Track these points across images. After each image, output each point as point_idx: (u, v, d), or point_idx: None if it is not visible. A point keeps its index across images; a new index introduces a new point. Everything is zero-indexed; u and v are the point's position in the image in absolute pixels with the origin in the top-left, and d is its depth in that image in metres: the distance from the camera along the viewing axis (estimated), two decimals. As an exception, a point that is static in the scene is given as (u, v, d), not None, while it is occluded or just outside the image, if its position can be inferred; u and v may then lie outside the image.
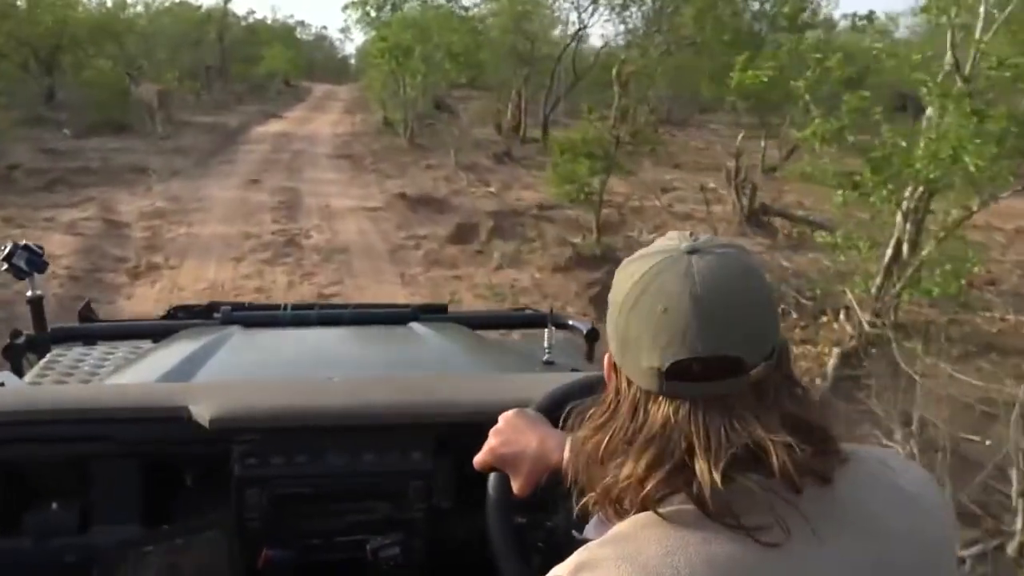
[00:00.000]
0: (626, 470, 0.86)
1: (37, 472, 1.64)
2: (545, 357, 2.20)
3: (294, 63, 42.33)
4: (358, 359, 2.30)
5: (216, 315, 2.47)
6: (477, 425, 1.33)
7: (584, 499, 0.94)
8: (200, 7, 33.69)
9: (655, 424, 0.85)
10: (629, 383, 0.89)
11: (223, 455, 1.57)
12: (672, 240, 0.90)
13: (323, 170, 14.95)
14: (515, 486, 1.25)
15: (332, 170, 15.03)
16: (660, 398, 0.86)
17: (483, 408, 1.39)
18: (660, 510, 0.84)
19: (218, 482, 1.58)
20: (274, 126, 22.84)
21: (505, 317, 3.40)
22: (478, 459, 1.29)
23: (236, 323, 2.35)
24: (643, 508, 0.85)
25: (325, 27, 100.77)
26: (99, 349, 2.44)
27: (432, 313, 2.64)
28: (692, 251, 0.87)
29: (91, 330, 2.63)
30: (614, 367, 0.92)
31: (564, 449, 1.17)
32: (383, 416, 1.63)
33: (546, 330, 2.24)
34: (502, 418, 1.29)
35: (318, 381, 1.79)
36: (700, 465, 0.82)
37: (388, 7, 18.16)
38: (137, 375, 2.00)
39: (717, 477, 0.81)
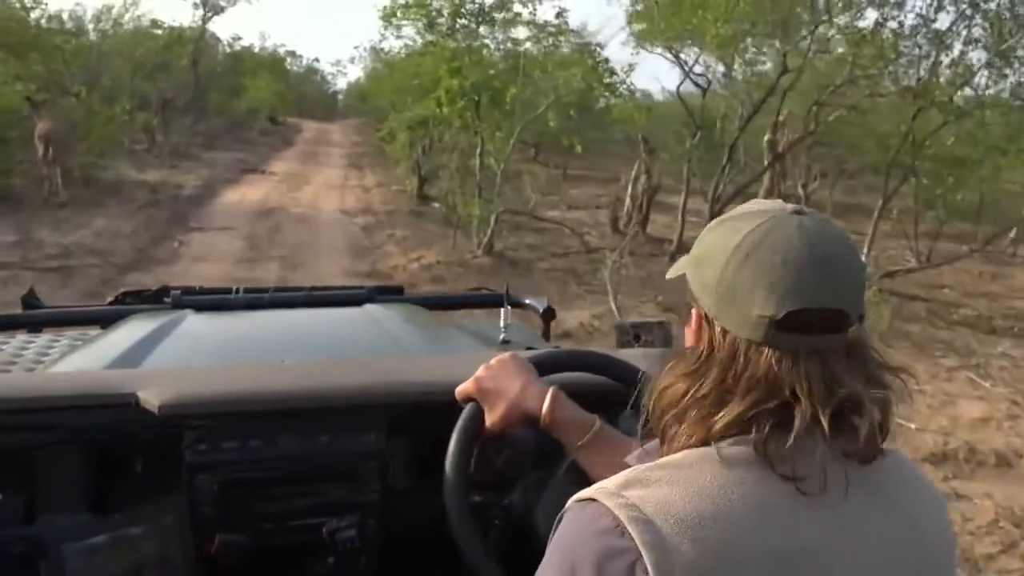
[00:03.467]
0: (731, 412, 0.82)
1: None
2: (502, 336, 2.08)
3: (282, 97, 34.45)
4: (312, 342, 2.05)
5: (166, 299, 2.27)
6: (432, 405, 1.33)
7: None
8: (178, 29, 25.18)
9: (758, 371, 0.82)
10: (725, 334, 0.85)
11: (174, 441, 1.43)
12: (768, 204, 0.89)
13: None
14: (488, 420, 1.24)
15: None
16: (764, 348, 0.83)
17: (438, 388, 1.36)
18: (720, 448, 0.81)
19: (169, 468, 1.45)
20: (252, 191, 14.62)
21: (461, 298, 3.12)
22: (461, 388, 1.27)
23: (187, 307, 2.17)
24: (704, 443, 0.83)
25: (317, 59, 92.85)
26: (44, 336, 2.31)
27: (388, 294, 2.47)
28: (797, 212, 0.86)
29: (36, 317, 2.43)
30: (704, 321, 0.88)
31: (543, 401, 1.21)
32: (336, 398, 1.48)
33: (503, 310, 2.14)
34: (496, 358, 1.27)
35: (269, 364, 1.64)
36: (805, 410, 0.80)
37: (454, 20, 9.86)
38: (84, 362, 1.84)
39: (826, 423, 0.79)
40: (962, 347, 7.53)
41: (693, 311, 0.90)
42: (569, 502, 0.84)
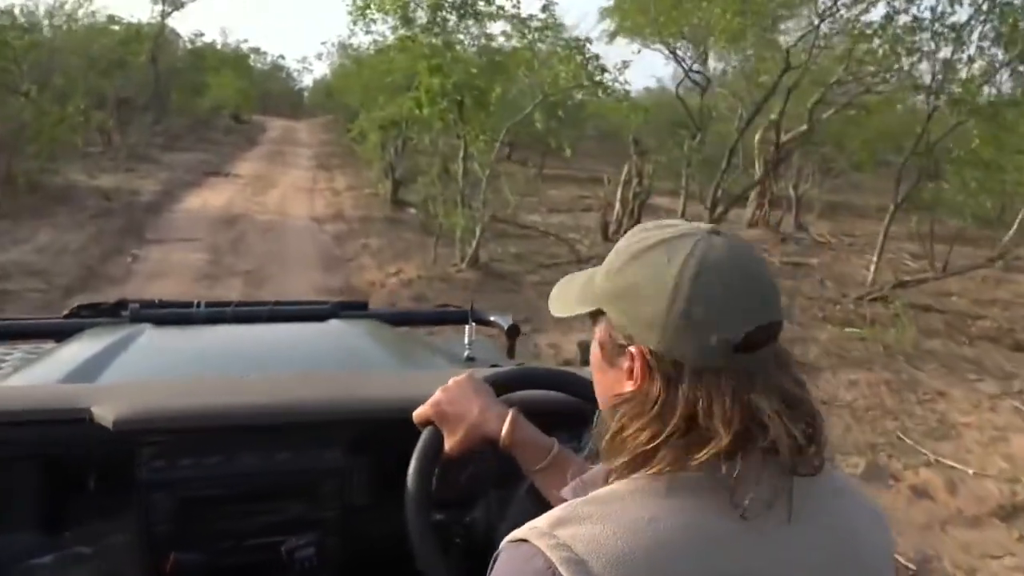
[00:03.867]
0: (717, 446, 0.78)
1: None
2: (466, 354, 2.04)
3: (246, 94, 33.35)
4: (275, 357, 1.98)
5: (124, 313, 2.19)
6: (395, 422, 1.29)
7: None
8: (136, 25, 24.06)
9: (725, 398, 0.79)
10: (680, 367, 0.81)
11: (129, 458, 1.37)
12: (682, 225, 0.86)
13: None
14: (447, 444, 1.22)
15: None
16: (722, 374, 0.80)
17: (401, 405, 1.31)
18: (656, 478, 0.80)
19: (123, 485, 1.39)
20: (215, 196, 13.67)
21: (426, 314, 3.00)
22: (419, 411, 1.24)
23: (145, 321, 2.10)
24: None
25: (282, 56, 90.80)
26: None
27: (353, 309, 2.40)
28: (713, 232, 0.85)
29: None
30: (651, 358, 0.82)
31: (504, 422, 1.18)
32: (298, 414, 1.44)
33: (467, 327, 2.09)
34: (453, 380, 1.25)
35: (230, 379, 1.59)
36: (779, 430, 0.78)
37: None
38: (37, 376, 1.77)
39: (801, 439, 0.79)
40: (993, 367, 6.89)
41: (632, 350, 0.83)
42: (503, 543, 0.82)
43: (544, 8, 8.95)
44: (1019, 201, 9.62)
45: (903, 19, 8.02)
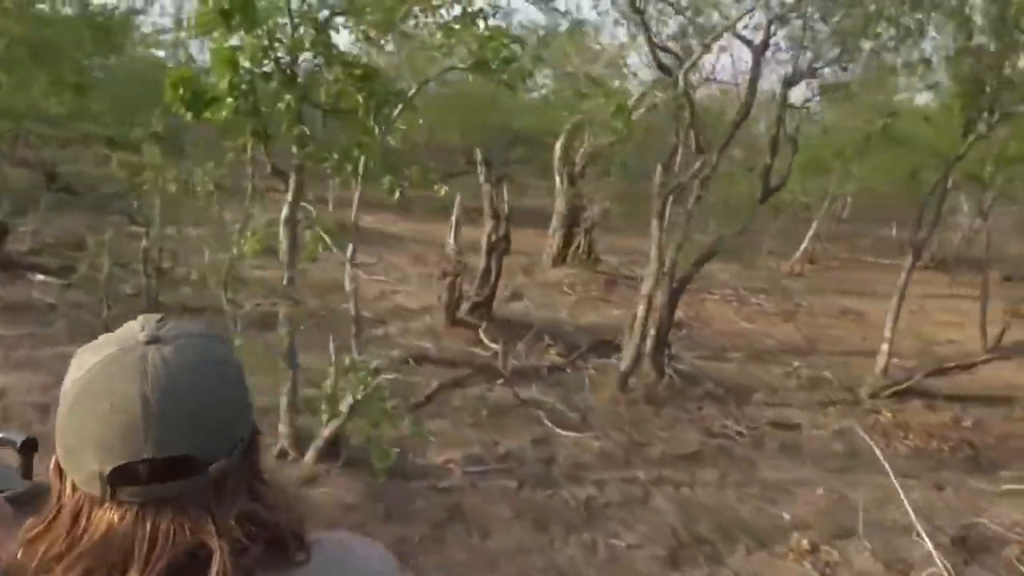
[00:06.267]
0: None
1: None
2: None
3: None
4: None
5: None
6: None
7: None
8: None
9: (96, 533, 0.74)
10: (74, 488, 0.77)
11: None
12: (134, 328, 0.79)
13: None
14: None
15: None
16: (106, 504, 0.75)
17: None
18: None
19: None
20: None
21: None
22: None
23: None
24: None
25: None
26: None
27: None
28: (152, 340, 0.77)
29: None
30: (59, 470, 0.78)
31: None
32: None
33: None
34: None
35: None
36: (146, 567, 0.72)
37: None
38: None
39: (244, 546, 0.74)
40: None
41: (54, 457, 0.78)
42: None
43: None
44: None
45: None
